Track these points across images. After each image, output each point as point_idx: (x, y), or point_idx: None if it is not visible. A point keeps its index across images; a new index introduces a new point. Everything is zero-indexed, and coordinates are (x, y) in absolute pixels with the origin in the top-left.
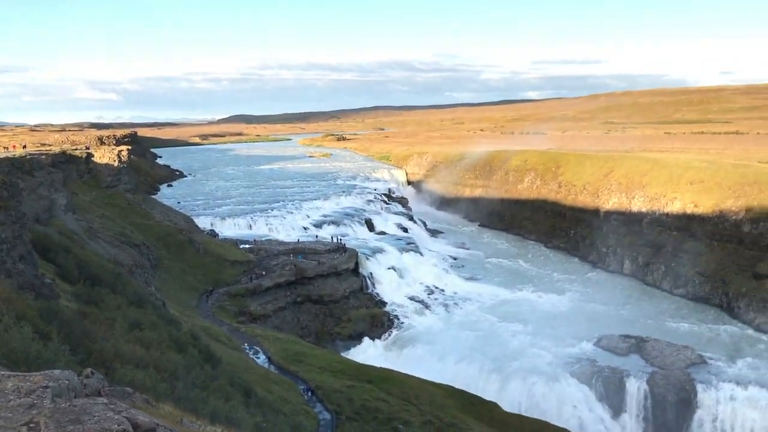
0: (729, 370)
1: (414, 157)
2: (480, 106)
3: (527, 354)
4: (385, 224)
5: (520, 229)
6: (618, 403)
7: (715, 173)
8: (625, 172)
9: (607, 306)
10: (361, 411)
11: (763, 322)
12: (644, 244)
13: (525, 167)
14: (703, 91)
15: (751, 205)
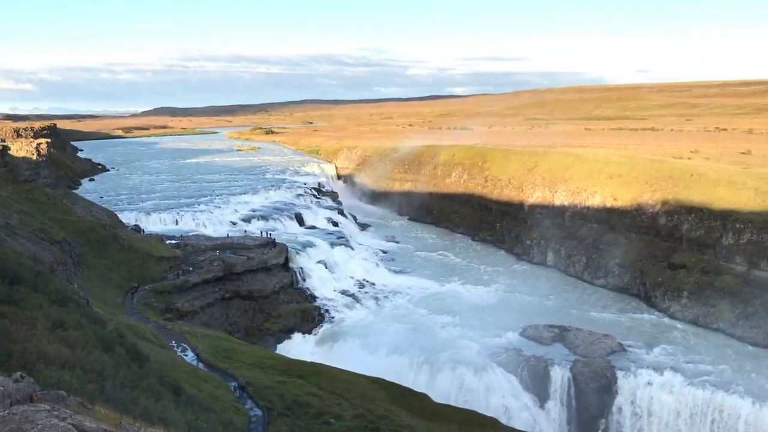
0: (646, 357)
1: (344, 151)
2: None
3: (456, 345)
4: (316, 218)
5: (449, 223)
6: (543, 391)
7: (633, 168)
8: (549, 166)
9: (532, 297)
10: (292, 406)
11: (678, 310)
12: (567, 237)
13: (453, 162)
14: (621, 89)
15: (666, 198)
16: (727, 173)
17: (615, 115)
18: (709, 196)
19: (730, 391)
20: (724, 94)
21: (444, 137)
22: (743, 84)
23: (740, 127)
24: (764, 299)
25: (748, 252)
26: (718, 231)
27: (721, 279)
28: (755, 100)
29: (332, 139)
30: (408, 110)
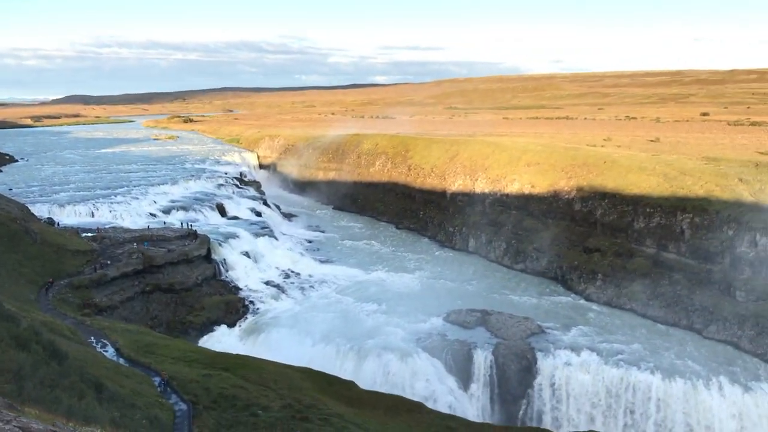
0: (564, 338)
1: (266, 140)
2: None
3: (382, 332)
4: (238, 209)
5: (373, 212)
6: (466, 374)
7: (550, 156)
8: (469, 155)
9: (455, 283)
10: (218, 399)
11: (593, 292)
12: (487, 223)
13: (376, 151)
14: (537, 79)
15: (581, 185)
16: (638, 160)
17: (531, 104)
18: (621, 182)
19: (642, 368)
20: (633, 84)
21: (367, 126)
22: (650, 74)
23: (648, 115)
24: (672, 280)
25: (658, 235)
26: (629, 215)
27: (633, 261)
28: (661, 90)
29: (253, 128)
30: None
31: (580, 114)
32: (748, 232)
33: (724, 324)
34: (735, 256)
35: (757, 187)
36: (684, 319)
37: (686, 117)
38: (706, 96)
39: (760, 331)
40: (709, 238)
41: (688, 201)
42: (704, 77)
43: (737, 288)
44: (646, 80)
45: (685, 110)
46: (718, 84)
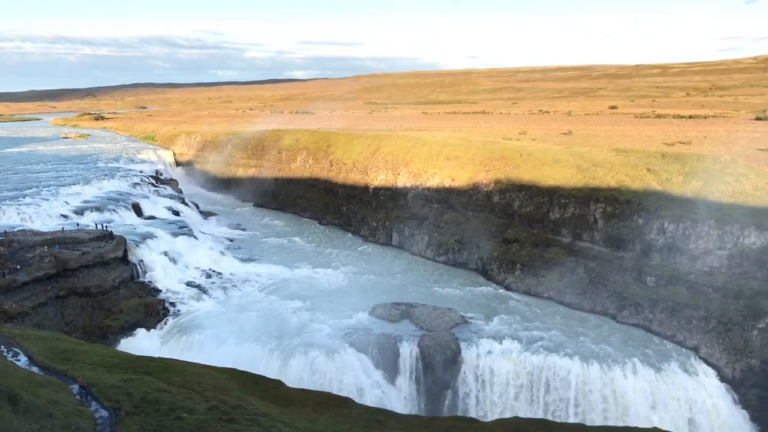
0: (487, 328)
1: (182, 137)
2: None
3: (307, 329)
4: (155, 208)
5: (295, 208)
6: (393, 367)
7: (468, 150)
8: (391, 150)
9: (380, 277)
10: (141, 404)
11: (512, 282)
12: (410, 217)
13: (297, 146)
14: (454, 74)
15: (499, 177)
16: (552, 153)
17: (449, 99)
18: (536, 174)
19: (561, 354)
20: (546, 79)
21: (287, 121)
22: (561, 69)
23: (560, 109)
24: (587, 267)
25: (572, 225)
26: (545, 206)
27: (550, 251)
28: (572, 85)
29: (169, 124)
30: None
31: (495, 108)
32: (656, 220)
33: (637, 308)
34: (645, 243)
35: (664, 177)
36: (599, 305)
37: (596, 110)
38: (614, 90)
39: (670, 314)
40: (621, 226)
41: (600, 191)
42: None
43: (648, 274)
44: (558, 75)
45: (595, 104)
46: (625, 78)
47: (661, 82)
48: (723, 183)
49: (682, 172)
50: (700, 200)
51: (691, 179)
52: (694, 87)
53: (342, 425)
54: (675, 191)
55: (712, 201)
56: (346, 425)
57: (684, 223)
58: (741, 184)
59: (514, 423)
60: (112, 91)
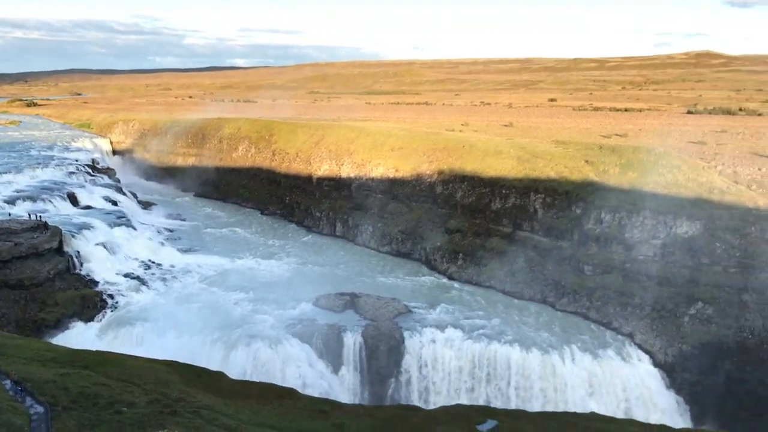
0: (430, 317)
1: (119, 125)
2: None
3: (250, 320)
4: (91, 198)
5: (237, 198)
6: (337, 357)
7: (412, 140)
8: (335, 140)
9: (324, 267)
10: (79, 399)
11: (455, 271)
12: (353, 208)
13: (239, 135)
14: (397, 65)
15: (442, 168)
16: (494, 144)
17: (392, 89)
18: (479, 165)
19: (502, 341)
20: (487, 71)
21: (228, 110)
22: (502, 62)
23: (502, 101)
24: (527, 257)
25: (513, 215)
26: (487, 197)
27: (491, 241)
28: (512, 77)
29: (105, 112)
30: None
31: (438, 100)
32: (594, 211)
33: (575, 296)
34: (583, 233)
35: (601, 168)
36: (539, 293)
37: (536, 102)
38: (553, 83)
39: (606, 301)
40: (560, 216)
41: (540, 182)
42: (551, 65)
43: (585, 263)
44: (499, 67)
45: (534, 96)
46: (563, 71)
47: (598, 76)
48: (657, 174)
49: (619, 164)
50: (636, 191)
51: (627, 171)
52: (629, 81)
53: (286, 416)
54: (612, 182)
55: (646, 192)
56: (290, 416)
57: (620, 214)
58: (674, 176)
59: (456, 410)
60: (46, 77)
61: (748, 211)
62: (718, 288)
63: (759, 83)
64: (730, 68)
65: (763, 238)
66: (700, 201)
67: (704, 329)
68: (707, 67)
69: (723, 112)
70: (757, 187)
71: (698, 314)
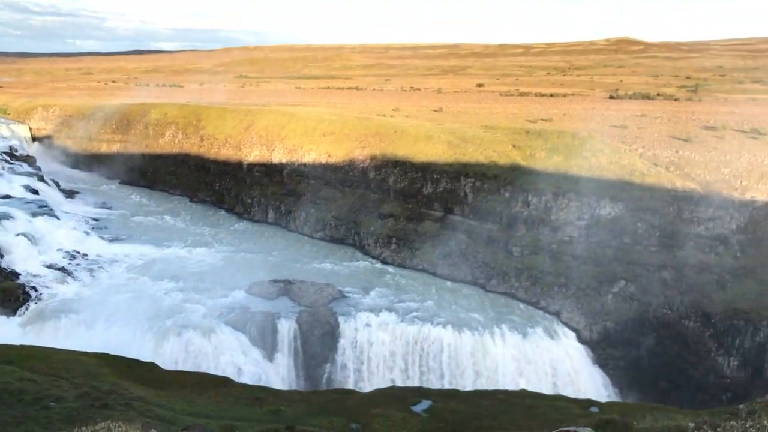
0: (364, 301)
1: (39, 111)
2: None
3: (182, 310)
4: (10, 186)
5: (165, 185)
6: (271, 345)
7: (344, 126)
8: (265, 125)
9: (256, 255)
10: (2, 395)
11: (388, 255)
12: (286, 194)
13: (165, 121)
14: (326, 49)
15: (374, 153)
16: (425, 129)
17: (323, 74)
18: (410, 150)
19: (435, 323)
20: (416, 56)
21: (154, 95)
22: (430, 47)
23: (431, 86)
24: (458, 240)
25: (444, 199)
26: (419, 182)
27: (423, 225)
28: (441, 62)
29: (23, 97)
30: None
31: (368, 85)
32: (521, 194)
33: (504, 277)
34: (511, 216)
35: (528, 153)
36: (469, 275)
37: (464, 88)
38: (480, 68)
39: (534, 281)
40: (489, 200)
41: (470, 166)
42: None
43: (513, 244)
44: (428, 53)
45: (463, 81)
46: (490, 57)
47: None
48: (581, 158)
49: (545, 148)
50: (561, 174)
51: (552, 155)
52: (554, 66)
53: (221, 405)
54: (538, 166)
55: (571, 175)
56: (225, 404)
57: (546, 196)
58: (597, 159)
59: (391, 392)
60: None
61: (667, 192)
62: (639, 266)
63: (675, 69)
64: (648, 54)
65: (681, 218)
66: (622, 183)
67: (627, 306)
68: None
69: (642, 97)
70: (674, 169)
71: (621, 292)
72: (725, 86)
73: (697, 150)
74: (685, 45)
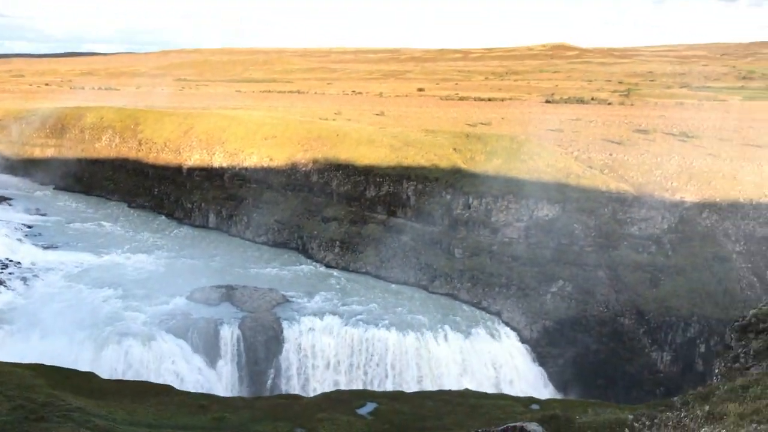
0: (308, 305)
1: None
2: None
3: (121, 318)
4: None
5: (102, 190)
6: (214, 351)
7: (286, 129)
8: (205, 128)
9: (197, 260)
10: None
11: (332, 259)
12: (227, 198)
13: (102, 125)
14: (267, 52)
15: (317, 157)
16: (367, 133)
17: (264, 77)
18: (353, 153)
19: (379, 326)
20: (357, 60)
21: (89, 98)
22: (371, 51)
23: (373, 90)
24: (401, 242)
25: (387, 202)
26: (362, 185)
27: (367, 228)
28: (383, 67)
29: None
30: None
31: (310, 88)
32: (462, 196)
33: (446, 279)
34: (453, 218)
35: (468, 156)
36: (413, 277)
37: (405, 92)
38: (421, 73)
39: (475, 282)
40: (431, 202)
41: (412, 170)
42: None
43: (455, 246)
44: (369, 57)
45: (404, 86)
46: (430, 62)
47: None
48: (519, 161)
49: (484, 151)
50: (500, 177)
51: (492, 158)
52: (492, 71)
53: (163, 413)
54: (478, 169)
55: (510, 177)
56: (167, 413)
57: (486, 199)
58: (535, 162)
59: (336, 395)
60: None
61: (602, 193)
62: (576, 266)
63: (608, 74)
64: (583, 60)
65: (615, 219)
66: (559, 185)
67: (565, 305)
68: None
69: (577, 102)
70: (609, 171)
71: (559, 291)
72: (655, 91)
73: (629, 153)
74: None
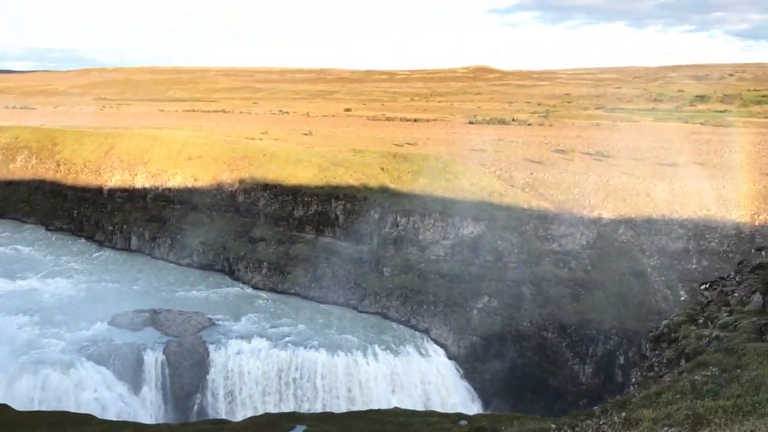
0: (235, 328)
1: None
2: None
3: (37, 346)
4: None
5: (17, 213)
6: (137, 378)
7: (211, 149)
8: (127, 148)
9: (119, 284)
10: None
11: (260, 280)
12: (150, 219)
13: (17, 145)
14: (191, 71)
15: (243, 177)
16: (295, 152)
17: (187, 96)
18: (281, 173)
19: (308, 347)
20: (284, 80)
21: (3, 117)
22: (298, 71)
23: (300, 110)
24: (330, 262)
25: (316, 221)
26: (290, 205)
27: (295, 248)
28: (309, 87)
29: None
30: None
31: (235, 108)
32: (390, 215)
33: (375, 297)
34: (381, 237)
35: (396, 175)
36: (342, 297)
37: (333, 112)
38: (348, 93)
39: (404, 300)
40: (360, 221)
41: (340, 189)
42: (345, 76)
43: (384, 265)
44: (295, 77)
45: (331, 106)
46: (357, 83)
47: (388, 88)
48: (445, 180)
49: (411, 171)
50: (427, 196)
51: (418, 177)
52: (417, 93)
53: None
54: (405, 188)
55: (436, 196)
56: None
57: (414, 217)
58: (459, 181)
59: (264, 419)
60: None
61: (524, 211)
62: (501, 282)
63: (527, 96)
64: (503, 82)
65: (537, 235)
66: (482, 204)
67: (490, 321)
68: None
69: (499, 122)
70: (530, 190)
71: (485, 307)
72: (572, 112)
73: (549, 172)
74: (536, 73)
